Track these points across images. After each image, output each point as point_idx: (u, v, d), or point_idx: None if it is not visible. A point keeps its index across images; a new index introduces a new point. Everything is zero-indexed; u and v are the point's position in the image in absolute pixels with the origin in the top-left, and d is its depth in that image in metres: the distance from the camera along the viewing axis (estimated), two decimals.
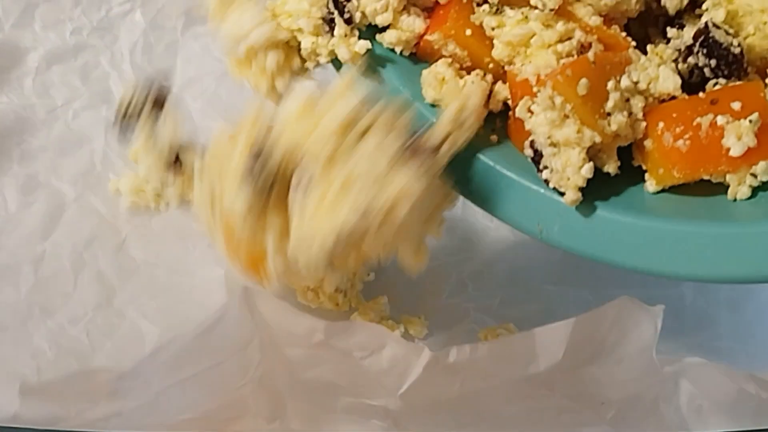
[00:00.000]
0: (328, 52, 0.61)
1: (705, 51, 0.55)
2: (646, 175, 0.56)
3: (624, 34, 0.57)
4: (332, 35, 0.60)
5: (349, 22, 0.60)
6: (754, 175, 0.53)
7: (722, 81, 0.55)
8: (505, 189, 0.58)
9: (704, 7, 0.57)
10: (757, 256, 0.51)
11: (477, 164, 0.59)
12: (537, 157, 0.56)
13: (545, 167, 0.55)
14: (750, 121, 0.52)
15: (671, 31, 0.58)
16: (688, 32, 0.57)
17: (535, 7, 0.57)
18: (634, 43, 0.57)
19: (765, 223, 0.51)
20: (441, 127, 0.57)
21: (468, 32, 0.59)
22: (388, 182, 0.54)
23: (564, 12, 0.57)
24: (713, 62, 0.55)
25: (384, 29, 0.61)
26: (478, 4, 0.59)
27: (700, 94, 0.55)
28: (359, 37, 0.61)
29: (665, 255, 0.54)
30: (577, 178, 0.54)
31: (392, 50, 0.61)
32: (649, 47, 0.58)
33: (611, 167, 0.56)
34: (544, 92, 0.54)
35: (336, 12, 0.60)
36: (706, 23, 0.55)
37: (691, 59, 0.56)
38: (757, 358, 0.72)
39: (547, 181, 0.55)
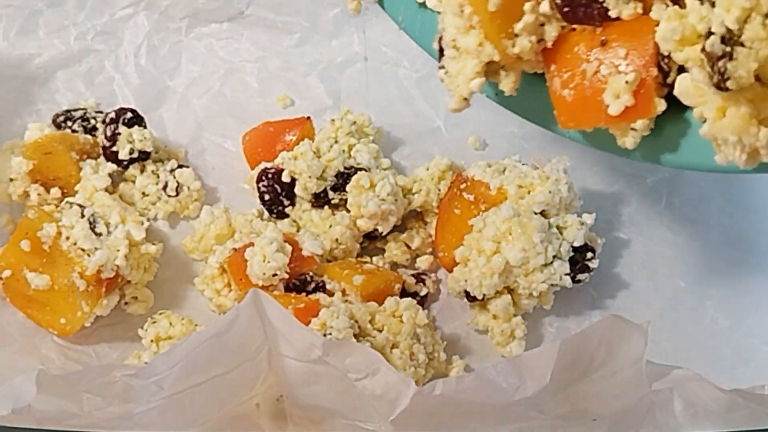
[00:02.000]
0: None
1: None
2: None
3: None
4: None
5: None
6: (635, 129, 0.52)
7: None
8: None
9: None
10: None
11: None
12: (440, 53, 0.55)
13: (442, 67, 0.55)
14: (626, 82, 0.50)
15: None
16: None
17: None
18: None
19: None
20: None
21: None
22: None
23: None
24: None
25: None
26: None
27: (597, 30, 0.52)
28: None
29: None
30: (464, 89, 0.54)
31: None
32: None
33: (507, 86, 0.55)
34: None
35: None
36: None
37: None
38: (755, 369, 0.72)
39: (442, 80, 0.55)
